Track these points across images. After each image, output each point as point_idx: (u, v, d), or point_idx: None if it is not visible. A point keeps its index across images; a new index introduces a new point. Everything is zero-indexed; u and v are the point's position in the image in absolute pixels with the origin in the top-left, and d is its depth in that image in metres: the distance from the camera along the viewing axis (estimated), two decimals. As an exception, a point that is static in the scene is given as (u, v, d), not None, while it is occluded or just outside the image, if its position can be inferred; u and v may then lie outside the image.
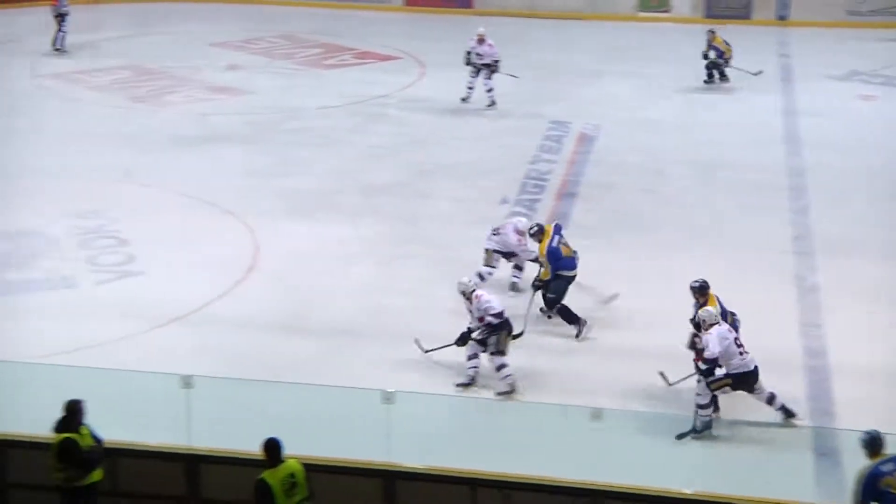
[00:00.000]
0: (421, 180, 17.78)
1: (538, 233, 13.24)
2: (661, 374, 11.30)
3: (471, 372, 11.70)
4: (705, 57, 21.77)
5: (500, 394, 11.53)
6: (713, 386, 10.82)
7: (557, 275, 12.89)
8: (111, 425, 9.61)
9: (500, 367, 11.59)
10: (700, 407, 10.79)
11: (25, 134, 19.23)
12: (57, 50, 23.61)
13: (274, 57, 24.55)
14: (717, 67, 21.87)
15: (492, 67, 20.35)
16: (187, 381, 9.73)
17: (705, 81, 21.94)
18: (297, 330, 13.10)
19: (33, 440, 9.81)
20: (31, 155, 18.29)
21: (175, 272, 14.27)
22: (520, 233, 13.60)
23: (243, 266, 14.54)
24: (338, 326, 13.22)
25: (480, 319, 11.64)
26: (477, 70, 20.42)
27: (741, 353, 10.85)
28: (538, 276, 13.08)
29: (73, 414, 9.30)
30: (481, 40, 20.26)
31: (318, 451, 9.62)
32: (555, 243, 12.97)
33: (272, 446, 8.93)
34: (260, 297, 13.78)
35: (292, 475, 8.90)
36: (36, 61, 23.36)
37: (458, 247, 14.97)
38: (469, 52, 20.38)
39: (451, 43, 25.61)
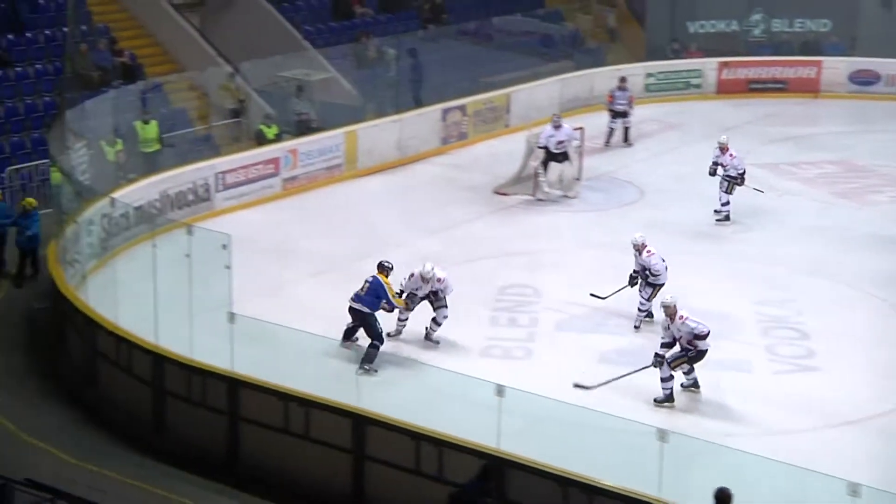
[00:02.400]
0: None
1: None
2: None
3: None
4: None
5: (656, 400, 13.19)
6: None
7: None
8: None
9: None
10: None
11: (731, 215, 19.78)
12: (607, 145, 23.68)
13: None
14: None
15: (734, 180, 18.87)
16: (854, 490, 9.36)
17: None
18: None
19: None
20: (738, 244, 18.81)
21: (855, 374, 13.82)
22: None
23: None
24: None
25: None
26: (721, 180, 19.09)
27: None
28: None
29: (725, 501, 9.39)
30: (724, 150, 18.92)
31: None
32: None
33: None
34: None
35: None
36: (755, 148, 23.96)
37: None
38: (714, 163, 19.10)
39: None
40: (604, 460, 11.29)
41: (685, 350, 13.18)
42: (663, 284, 14.96)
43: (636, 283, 15.19)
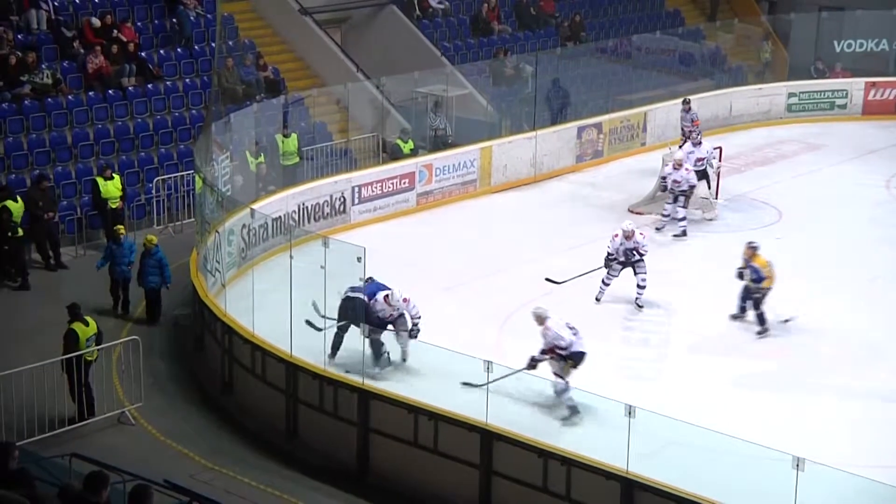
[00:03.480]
0: None
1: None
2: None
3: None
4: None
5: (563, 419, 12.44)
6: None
7: None
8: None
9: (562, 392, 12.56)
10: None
11: (873, 240, 19.24)
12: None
13: None
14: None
15: (688, 195, 19.21)
16: None
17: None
18: None
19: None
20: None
21: None
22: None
23: None
24: None
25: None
26: (675, 197, 19.17)
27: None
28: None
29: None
30: (678, 166, 19.05)
31: None
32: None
33: None
34: None
35: None
36: (895, 174, 23.28)
37: None
38: (664, 178, 19.46)
39: None
40: (736, 487, 11.06)
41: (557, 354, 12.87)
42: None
43: (610, 266, 16.35)
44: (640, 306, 16.26)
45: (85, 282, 17.45)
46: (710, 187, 20.47)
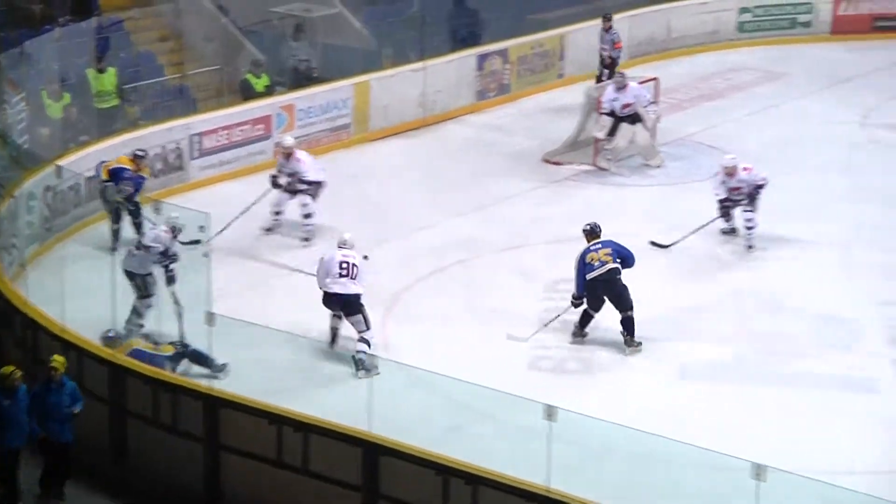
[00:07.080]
0: None
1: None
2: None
3: None
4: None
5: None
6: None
7: None
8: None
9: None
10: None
11: (848, 191, 19.70)
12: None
13: None
14: None
15: (308, 190, 18.07)
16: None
17: None
18: None
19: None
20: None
21: None
22: None
23: None
24: None
25: None
26: (293, 192, 18.11)
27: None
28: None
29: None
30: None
31: None
32: None
33: None
34: None
35: None
36: (881, 104, 23.80)
37: None
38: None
39: None
40: (685, 502, 11.26)
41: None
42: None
43: (727, 215, 17.91)
44: (751, 247, 17.69)
45: None
46: (647, 128, 20.63)
